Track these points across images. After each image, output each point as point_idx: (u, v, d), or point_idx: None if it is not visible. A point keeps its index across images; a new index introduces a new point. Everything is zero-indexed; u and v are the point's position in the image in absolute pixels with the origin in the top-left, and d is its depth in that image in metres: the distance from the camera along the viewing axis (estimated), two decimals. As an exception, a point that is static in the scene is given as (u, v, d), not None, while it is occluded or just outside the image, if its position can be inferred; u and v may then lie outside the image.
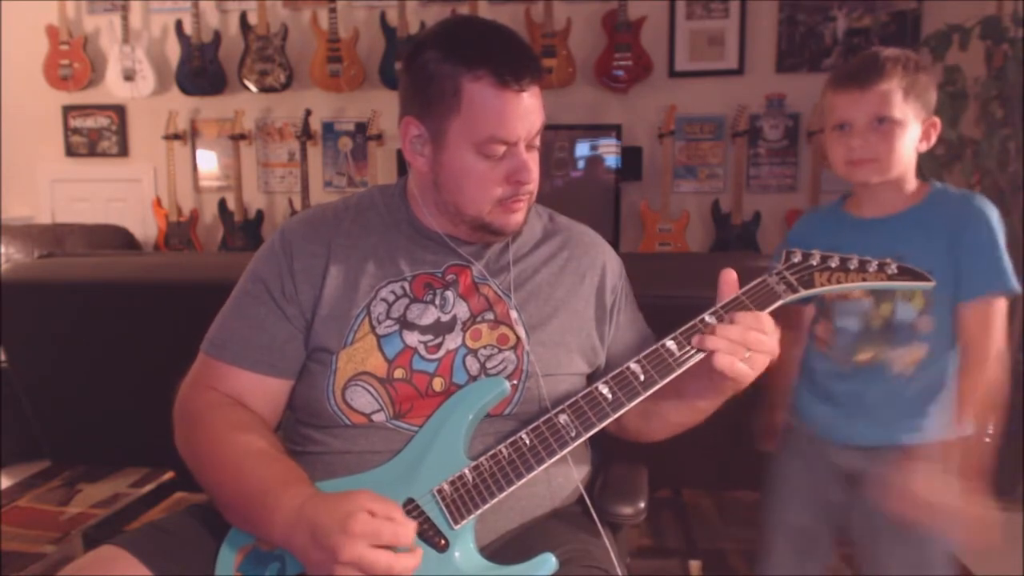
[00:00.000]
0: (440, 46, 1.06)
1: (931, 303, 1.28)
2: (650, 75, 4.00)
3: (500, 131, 1.04)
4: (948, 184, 1.33)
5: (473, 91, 1.03)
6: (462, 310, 1.11)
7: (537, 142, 1.10)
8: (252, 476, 0.99)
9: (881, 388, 1.31)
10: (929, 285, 1.04)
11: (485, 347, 1.10)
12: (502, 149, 1.06)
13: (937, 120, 1.30)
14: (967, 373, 1.27)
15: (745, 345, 0.96)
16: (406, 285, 1.12)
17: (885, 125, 1.25)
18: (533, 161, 1.10)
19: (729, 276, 1.02)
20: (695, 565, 2.19)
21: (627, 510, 1.21)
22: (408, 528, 0.90)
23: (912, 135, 1.27)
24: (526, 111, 1.05)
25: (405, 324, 1.10)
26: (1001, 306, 1.25)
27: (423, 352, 1.09)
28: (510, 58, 1.04)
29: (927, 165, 2.64)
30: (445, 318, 1.11)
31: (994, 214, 1.25)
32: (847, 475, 1.36)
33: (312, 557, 0.90)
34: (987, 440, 1.26)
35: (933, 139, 1.31)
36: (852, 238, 1.28)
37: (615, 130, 3.96)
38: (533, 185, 1.10)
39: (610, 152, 3.96)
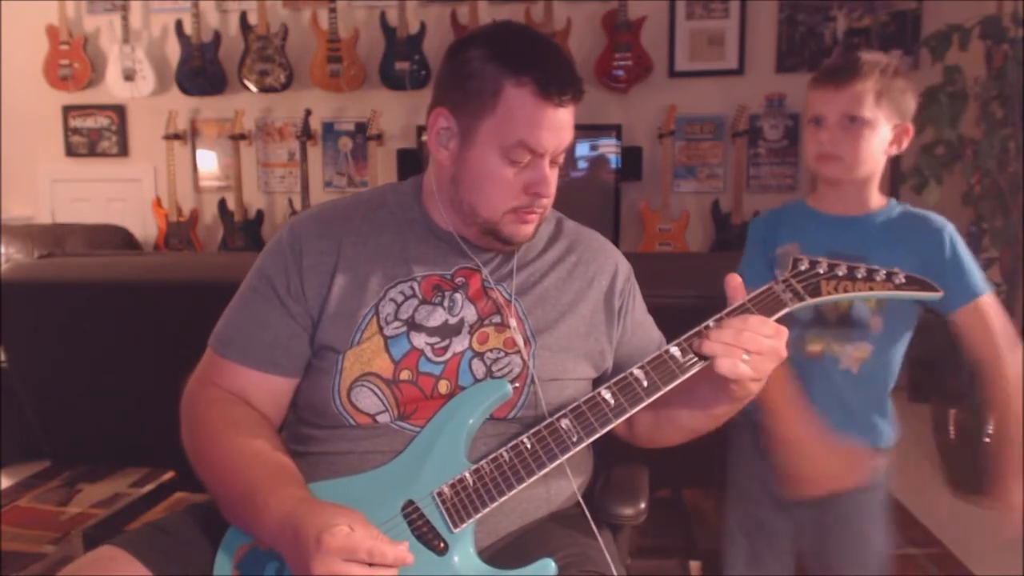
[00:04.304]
0: (489, 45, 1.06)
1: (885, 306, 1.31)
2: (650, 75, 4.00)
3: (530, 139, 1.04)
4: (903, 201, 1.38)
5: (513, 96, 1.03)
6: (470, 313, 1.11)
7: (561, 159, 1.10)
8: (243, 476, 1.00)
9: (830, 383, 1.34)
10: (937, 296, 1.03)
11: (492, 351, 1.10)
12: (527, 158, 1.06)
13: (910, 127, 1.33)
14: (992, 377, 1.29)
15: (740, 347, 0.95)
16: (415, 286, 1.12)
17: (855, 124, 1.29)
18: (553, 177, 1.10)
19: (734, 280, 1.02)
20: (695, 565, 2.19)
21: (628, 511, 1.21)
22: (388, 548, 0.88)
23: (882, 137, 1.30)
24: (560, 126, 1.06)
25: (413, 326, 1.09)
26: (991, 301, 1.30)
27: (430, 354, 1.09)
28: (556, 71, 1.05)
29: (927, 165, 2.64)
30: (453, 320, 1.10)
31: (953, 228, 1.31)
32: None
33: (294, 566, 0.91)
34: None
35: (904, 144, 1.34)
36: (814, 231, 1.34)
37: (615, 130, 3.96)
38: (549, 200, 1.10)
39: (610, 152, 3.96)
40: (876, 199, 1.36)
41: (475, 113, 1.06)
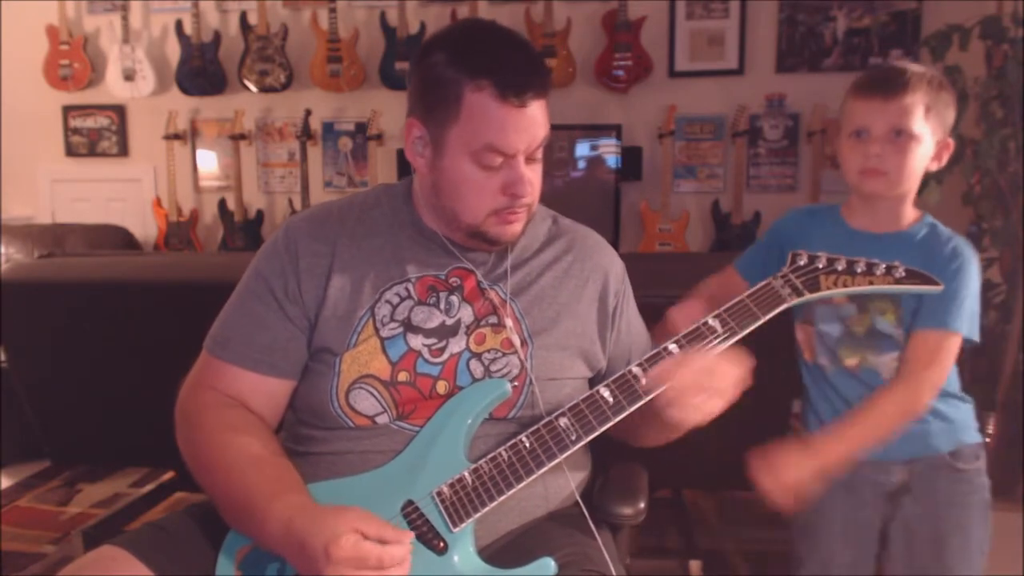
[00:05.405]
0: (448, 50, 1.04)
1: (903, 321, 1.27)
2: (650, 75, 3.99)
3: (497, 142, 1.03)
4: (938, 221, 1.32)
5: (473, 101, 1.02)
6: (466, 314, 1.11)
7: (539, 154, 1.09)
8: (242, 483, 0.99)
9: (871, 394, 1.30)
10: (937, 289, 1.04)
11: (489, 351, 1.09)
12: (499, 160, 1.04)
13: (951, 141, 1.28)
14: (890, 392, 1.25)
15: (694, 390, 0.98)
16: (410, 287, 1.11)
17: (902, 138, 1.24)
18: (534, 172, 1.08)
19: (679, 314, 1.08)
20: (695, 565, 2.19)
21: (627, 511, 1.21)
22: (396, 550, 0.90)
23: (926, 152, 1.26)
24: (527, 125, 1.03)
25: (409, 327, 1.09)
26: (953, 345, 1.24)
27: (427, 355, 1.08)
28: (515, 71, 1.02)
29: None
30: (449, 321, 1.10)
31: (974, 261, 1.25)
32: (888, 492, 1.34)
33: (301, 572, 0.92)
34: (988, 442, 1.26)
35: (944, 160, 1.29)
36: (841, 245, 1.28)
37: (615, 130, 3.95)
38: (530, 198, 1.09)
39: (610, 152, 3.95)
40: (909, 215, 1.32)
41: (442, 121, 1.04)
